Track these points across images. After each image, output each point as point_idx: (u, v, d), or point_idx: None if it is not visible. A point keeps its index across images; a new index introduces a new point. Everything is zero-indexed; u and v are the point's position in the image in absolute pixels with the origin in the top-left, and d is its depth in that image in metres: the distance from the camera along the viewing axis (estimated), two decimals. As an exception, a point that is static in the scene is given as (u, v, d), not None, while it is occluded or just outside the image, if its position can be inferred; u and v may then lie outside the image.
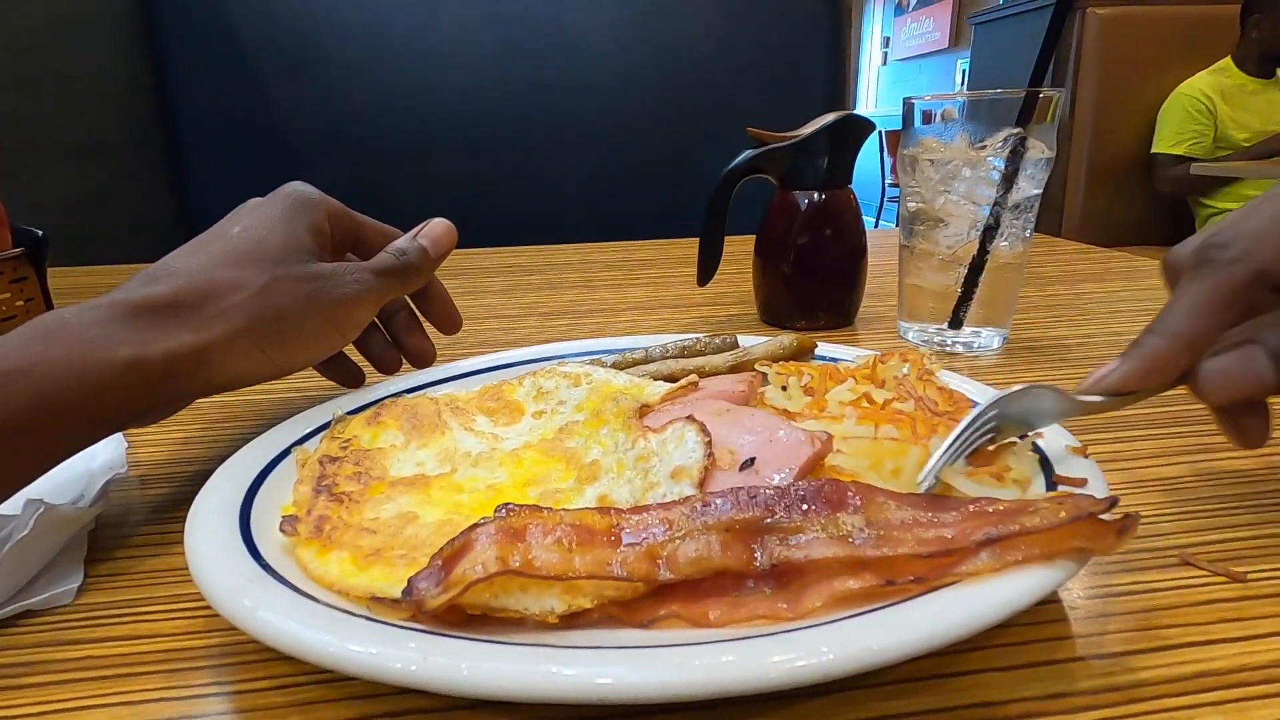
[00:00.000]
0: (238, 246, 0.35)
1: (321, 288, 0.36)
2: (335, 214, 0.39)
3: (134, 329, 0.30)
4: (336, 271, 0.37)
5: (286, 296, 0.34)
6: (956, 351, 0.56)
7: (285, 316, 0.34)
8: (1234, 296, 0.26)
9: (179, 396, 0.33)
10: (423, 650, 0.20)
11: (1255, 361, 0.26)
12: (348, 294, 0.36)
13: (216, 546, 0.25)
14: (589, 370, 0.41)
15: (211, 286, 0.33)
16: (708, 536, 0.25)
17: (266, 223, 0.36)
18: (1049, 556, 0.23)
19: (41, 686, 0.25)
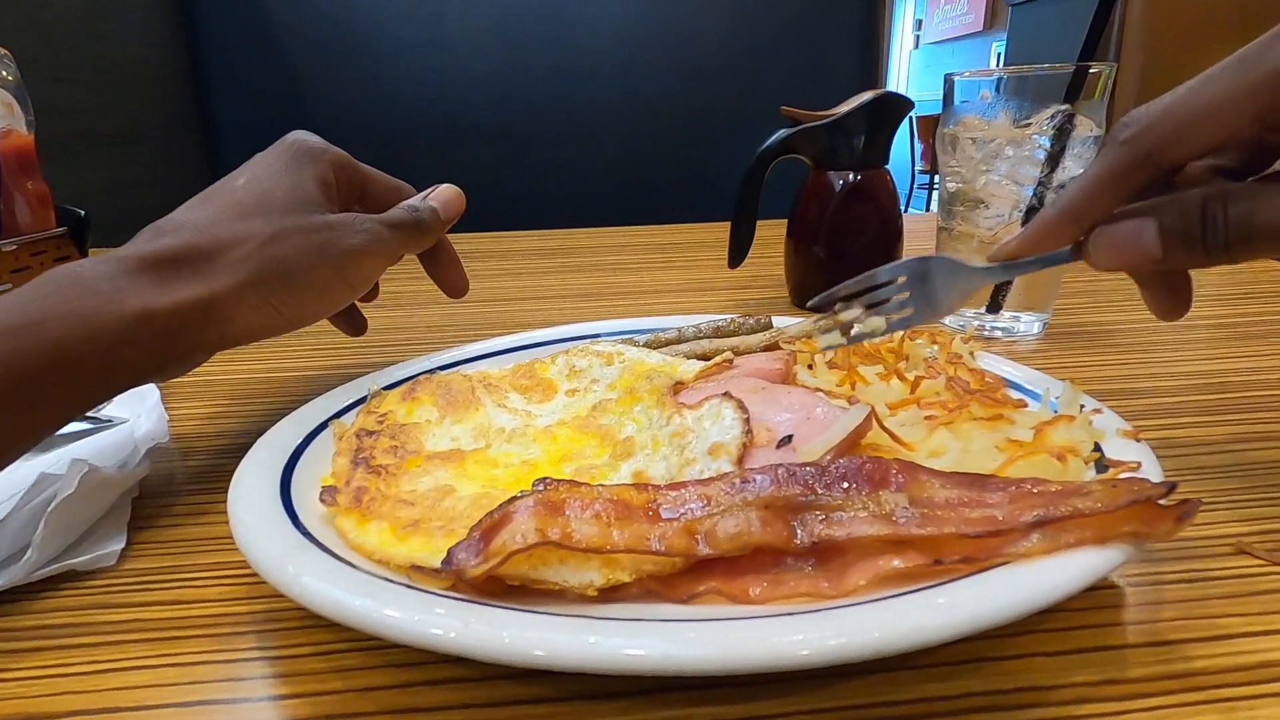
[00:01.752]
0: (242, 199, 0.34)
1: (330, 239, 0.35)
2: (340, 164, 0.39)
3: (142, 282, 0.30)
4: (345, 222, 0.36)
5: (294, 248, 0.34)
6: (995, 336, 0.55)
7: (293, 268, 0.34)
8: (1122, 175, 0.27)
9: (191, 350, 0.33)
10: (464, 619, 0.20)
11: (1144, 233, 0.27)
12: (357, 245, 0.36)
13: (259, 515, 0.26)
14: (621, 349, 0.41)
15: (218, 239, 0.32)
16: (747, 513, 0.25)
17: (271, 174, 0.36)
18: (1103, 540, 0.22)
19: (91, 646, 0.25)
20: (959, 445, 0.29)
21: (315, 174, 0.37)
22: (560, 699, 0.22)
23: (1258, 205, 0.25)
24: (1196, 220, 0.26)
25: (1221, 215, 0.25)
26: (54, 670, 0.24)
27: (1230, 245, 0.25)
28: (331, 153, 0.38)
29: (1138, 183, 0.27)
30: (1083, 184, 0.28)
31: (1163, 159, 0.27)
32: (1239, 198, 0.25)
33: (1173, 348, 0.51)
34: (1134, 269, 0.28)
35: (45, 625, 0.26)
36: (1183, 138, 0.26)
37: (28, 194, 0.63)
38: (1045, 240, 0.30)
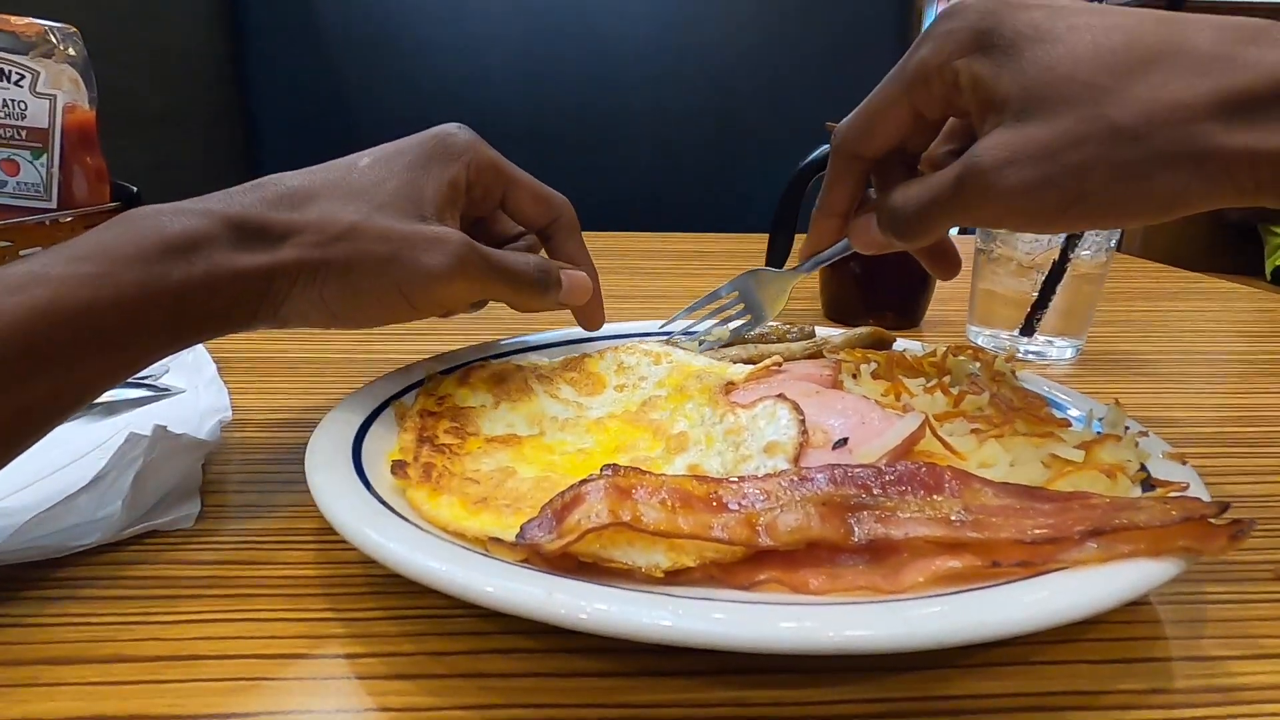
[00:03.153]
0: (353, 181, 0.33)
1: (408, 252, 0.32)
2: (481, 166, 0.36)
3: (217, 241, 0.29)
4: (435, 239, 0.33)
5: (365, 247, 0.31)
6: (1028, 360, 0.56)
7: (355, 268, 0.31)
8: (841, 174, 0.34)
9: (251, 315, 0.31)
10: (547, 587, 0.21)
11: (870, 226, 0.33)
12: (433, 268, 0.32)
13: (340, 482, 0.27)
14: (669, 350, 0.42)
15: (303, 215, 0.31)
16: (806, 508, 0.26)
17: (395, 164, 0.34)
18: (1156, 553, 0.23)
19: (173, 599, 0.26)
20: (1008, 458, 0.30)
21: (443, 176, 0.34)
22: (625, 674, 0.23)
23: (916, 189, 0.30)
24: (887, 213, 0.31)
25: (895, 203, 0.31)
26: (140, 618, 0.25)
27: (912, 230, 0.31)
28: (474, 152, 0.36)
29: (857, 176, 0.34)
30: (824, 187, 0.35)
31: (864, 154, 0.33)
32: (908, 185, 0.30)
33: (1207, 380, 0.51)
34: (879, 250, 0.33)
35: (131, 576, 0.27)
36: (868, 138, 0.32)
37: (86, 168, 0.65)
38: (821, 237, 0.37)
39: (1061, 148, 0.25)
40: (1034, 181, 0.26)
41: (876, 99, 0.31)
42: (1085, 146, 0.25)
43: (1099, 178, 0.25)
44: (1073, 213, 0.26)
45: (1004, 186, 0.26)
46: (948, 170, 0.28)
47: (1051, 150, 0.26)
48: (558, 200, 0.39)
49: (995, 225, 0.30)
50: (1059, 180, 0.26)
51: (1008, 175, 0.26)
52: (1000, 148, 0.26)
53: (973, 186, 0.27)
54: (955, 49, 0.28)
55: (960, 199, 0.28)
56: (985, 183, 0.27)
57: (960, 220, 0.29)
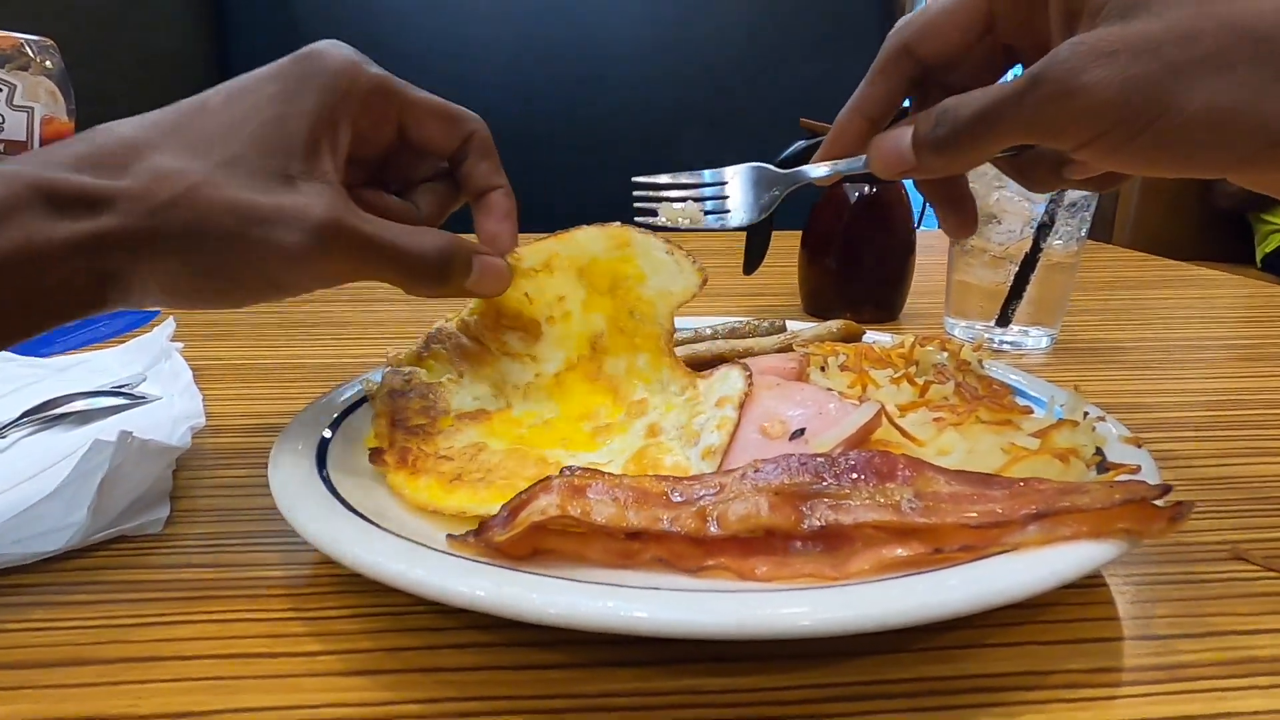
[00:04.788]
0: (202, 126, 0.27)
1: (256, 228, 0.26)
2: (365, 92, 0.29)
3: (30, 209, 0.24)
4: (293, 211, 0.26)
5: (209, 216, 0.25)
6: (1004, 350, 0.56)
7: (196, 242, 0.26)
8: (885, 67, 0.31)
9: (95, 297, 0.26)
10: (496, 580, 0.21)
11: (901, 139, 0.28)
12: (288, 249, 0.26)
13: (300, 487, 0.27)
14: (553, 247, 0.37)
15: (134, 172, 0.25)
16: (756, 498, 0.26)
17: (255, 98, 0.27)
18: (1098, 535, 0.23)
19: (136, 602, 0.27)
20: (965, 445, 0.30)
21: (313, 108, 0.28)
22: (580, 665, 0.23)
23: (978, 94, 0.26)
24: (933, 117, 0.27)
25: (952, 110, 0.26)
26: (102, 621, 0.26)
27: (959, 140, 0.26)
28: (352, 78, 0.29)
29: (903, 75, 0.30)
30: (863, 82, 0.31)
31: (917, 51, 0.30)
32: (966, 95, 0.26)
33: (1179, 365, 0.52)
34: (900, 174, 0.29)
35: (95, 582, 0.28)
36: (929, 33, 0.29)
37: (68, 181, 0.65)
38: (841, 138, 0.32)
39: (1167, 40, 0.21)
40: (1123, 80, 0.22)
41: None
42: (1199, 43, 0.21)
43: (1203, 85, 0.21)
44: (1155, 129, 0.22)
45: (1085, 82, 0.22)
46: (1021, 74, 0.25)
47: (1155, 43, 0.22)
48: (467, 117, 0.33)
49: (1060, 142, 0.25)
50: (1154, 81, 0.22)
51: (1094, 70, 0.22)
52: (1088, 41, 0.22)
53: (1049, 84, 0.23)
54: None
55: (1030, 99, 0.24)
56: (1064, 78, 0.23)
57: (1021, 132, 0.25)
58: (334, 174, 0.28)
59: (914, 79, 0.30)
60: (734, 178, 0.35)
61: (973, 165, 0.28)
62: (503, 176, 0.34)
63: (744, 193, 0.35)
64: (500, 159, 0.34)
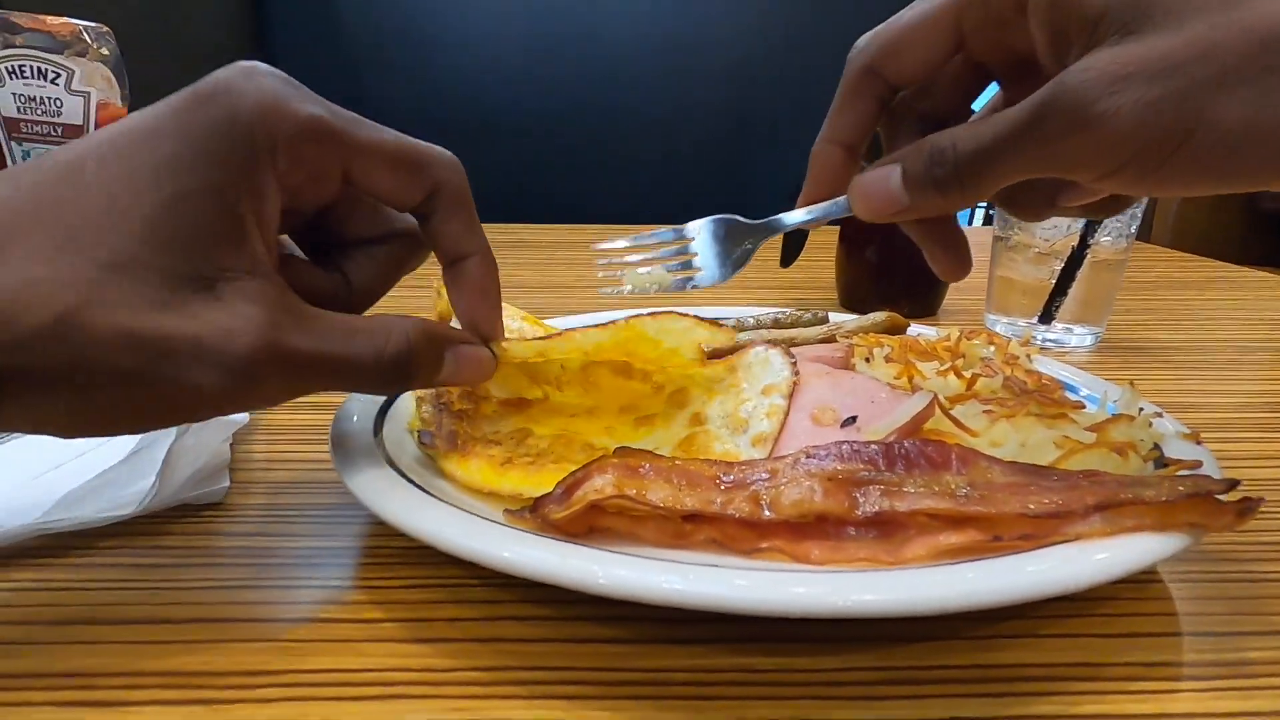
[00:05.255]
0: (74, 210, 0.20)
1: (163, 367, 0.20)
2: (300, 141, 0.22)
3: None
4: (209, 341, 0.20)
5: (98, 353, 0.19)
6: (1046, 348, 0.55)
7: (88, 384, 0.20)
8: (852, 91, 0.28)
9: None
10: (561, 554, 0.22)
11: (890, 178, 0.25)
12: (207, 391, 0.21)
13: (362, 459, 0.28)
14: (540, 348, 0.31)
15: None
16: (810, 483, 0.26)
17: (147, 164, 0.20)
18: (1162, 528, 0.23)
19: (204, 567, 0.28)
20: (1018, 438, 0.30)
21: (229, 177, 0.21)
22: (637, 640, 0.24)
23: (977, 128, 0.23)
24: (926, 157, 0.24)
25: (950, 147, 0.24)
26: (174, 584, 0.27)
27: (960, 178, 0.24)
28: (281, 123, 0.22)
29: (873, 96, 0.27)
30: (831, 108, 0.28)
31: (885, 73, 0.27)
32: (964, 129, 0.24)
33: (1229, 367, 0.51)
34: (890, 216, 0.26)
35: (165, 546, 0.29)
36: (893, 52, 0.26)
37: (119, 165, 0.67)
38: (822, 174, 0.29)
39: (1189, 58, 0.20)
40: (1145, 105, 0.20)
41: (912, 12, 0.26)
42: (1222, 56, 0.20)
43: (1231, 100, 0.20)
44: (1186, 151, 0.21)
45: (1102, 111, 0.20)
46: (1022, 104, 0.22)
47: (1174, 61, 0.20)
48: (433, 162, 0.26)
49: (1076, 175, 0.23)
50: (1179, 102, 0.20)
51: (1110, 98, 0.20)
52: (1097, 65, 0.21)
53: (1060, 116, 0.21)
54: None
55: (1043, 130, 0.22)
56: (1076, 108, 0.21)
57: (1032, 168, 0.23)
58: (264, 258, 0.22)
59: (884, 100, 0.28)
60: (700, 233, 0.32)
61: (974, 203, 0.26)
62: (479, 238, 0.27)
63: (712, 249, 0.32)
64: (476, 212, 0.27)
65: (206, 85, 0.22)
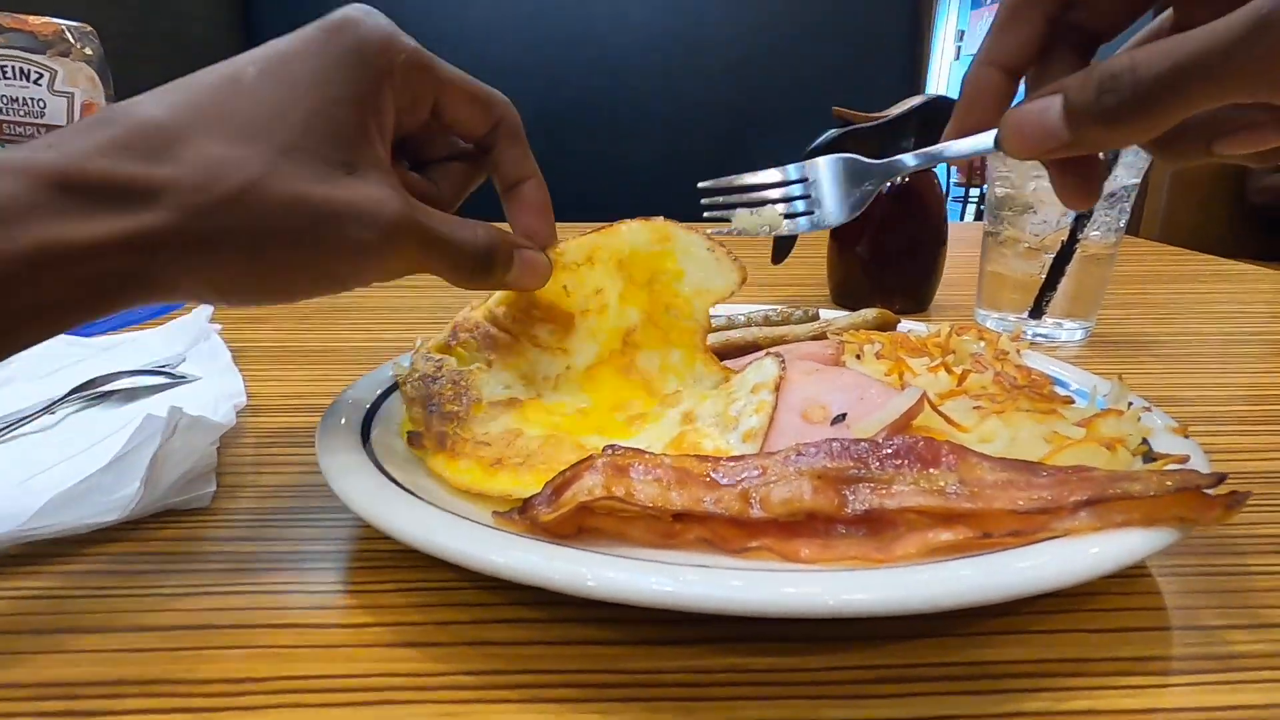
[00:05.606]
0: (243, 107, 0.24)
1: (328, 225, 0.24)
2: (405, 69, 0.27)
3: (51, 206, 0.21)
4: (364, 206, 0.25)
5: (277, 214, 0.24)
6: (1037, 342, 0.55)
7: (264, 241, 0.24)
8: (1018, 9, 0.26)
9: (110, 301, 0.23)
10: (547, 555, 0.22)
11: (1049, 110, 0.24)
12: (361, 245, 0.25)
13: (348, 461, 0.28)
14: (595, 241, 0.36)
15: (177, 161, 0.23)
16: (800, 481, 0.26)
17: (293, 76, 0.25)
18: (1150, 522, 0.23)
19: (189, 573, 0.27)
20: (1008, 433, 0.30)
21: (359, 88, 0.26)
22: (626, 642, 0.24)
23: (1154, 50, 0.21)
24: (1095, 84, 0.22)
25: (1128, 70, 0.22)
26: (158, 590, 0.26)
27: (1141, 105, 0.22)
28: (392, 54, 0.27)
29: (1041, 12, 0.25)
30: (991, 28, 0.27)
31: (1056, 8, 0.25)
32: (1147, 50, 0.22)
33: (1219, 360, 0.51)
34: (1046, 154, 0.25)
35: (150, 552, 0.28)
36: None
37: (105, 166, 0.67)
38: (978, 100, 0.27)
39: None
40: None
41: None
42: None
43: None
44: None
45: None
46: (1234, 15, 0.20)
47: None
48: (497, 100, 0.31)
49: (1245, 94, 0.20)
50: None
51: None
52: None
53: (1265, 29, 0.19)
54: None
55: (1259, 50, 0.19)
56: None
57: (1235, 91, 0.21)
58: (386, 160, 0.27)
59: (1053, 18, 0.25)
60: (818, 172, 0.31)
61: (1149, 137, 0.23)
62: (534, 164, 0.33)
63: (831, 189, 0.30)
64: (525, 141, 0.33)
65: (335, 19, 0.26)
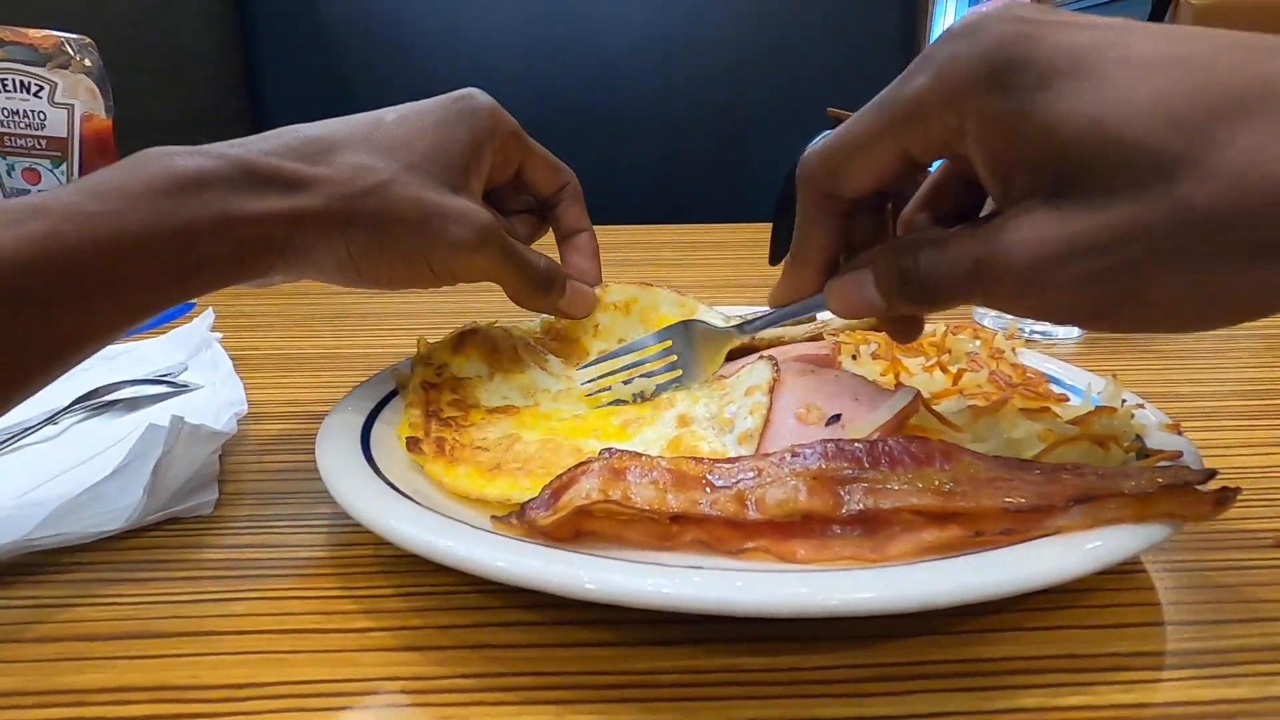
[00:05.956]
0: (380, 137, 0.32)
1: (437, 220, 0.32)
2: (504, 134, 0.36)
3: (233, 185, 0.28)
4: (463, 213, 0.32)
5: (398, 206, 0.31)
6: (1034, 340, 0.56)
7: (386, 225, 0.31)
8: (814, 214, 0.28)
9: (267, 265, 0.30)
10: (545, 559, 0.22)
11: (864, 285, 0.26)
12: (458, 240, 0.32)
13: (348, 467, 0.28)
14: (635, 294, 0.42)
15: (330, 164, 0.31)
16: (795, 482, 0.26)
17: (423, 122, 0.33)
18: (1141, 519, 0.23)
19: (193, 579, 0.28)
20: (1002, 432, 0.30)
21: (469, 137, 0.34)
22: (624, 644, 0.24)
23: (936, 256, 0.24)
24: (896, 273, 0.25)
25: (914, 267, 0.24)
26: (161, 597, 0.27)
27: (929, 295, 0.24)
28: (498, 119, 0.35)
29: (834, 217, 0.28)
30: (796, 230, 0.29)
31: (840, 194, 0.27)
32: (924, 248, 0.24)
33: (1215, 355, 0.51)
34: (865, 316, 0.28)
35: (152, 560, 0.29)
36: (844, 175, 0.26)
37: (105, 177, 0.67)
38: (793, 287, 0.30)
39: (1116, 240, 0.19)
40: (1076, 280, 0.20)
41: (855, 133, 0.25)
42: (1150, 238, 0.19)
43: (1166, 278, 0.19)
44: (1123, 314, 0.21)
45: (1036, 283, 0.21)
46: (964, 245, 0.23)
47: (1101, 243, 0.19)
48: (566, 170, 0.40)
49: (1030, 316, 0.25)
50: (1111, 278, 0.20)
51: (1043, 272, 0.20)
52: (1033, 242, 0.20)
53: (994, 278, 0.22)
54: (963, 84, 0.21)
55: (982, 284, 0.22)
56: (1009, 277, 0.21)
57: (982, 304, 0.24)
58: (479, 193, 0.35)
59: (846, 212, 0.28)
60: (681, 337, 0.35)
61: (955, 307, 0.26)
62: (588, 221, 0.41)
63: (690, 352, 0.35)
64: (583, 203, 0.42)
65: (461, 92, 0.36)
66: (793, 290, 0.31)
